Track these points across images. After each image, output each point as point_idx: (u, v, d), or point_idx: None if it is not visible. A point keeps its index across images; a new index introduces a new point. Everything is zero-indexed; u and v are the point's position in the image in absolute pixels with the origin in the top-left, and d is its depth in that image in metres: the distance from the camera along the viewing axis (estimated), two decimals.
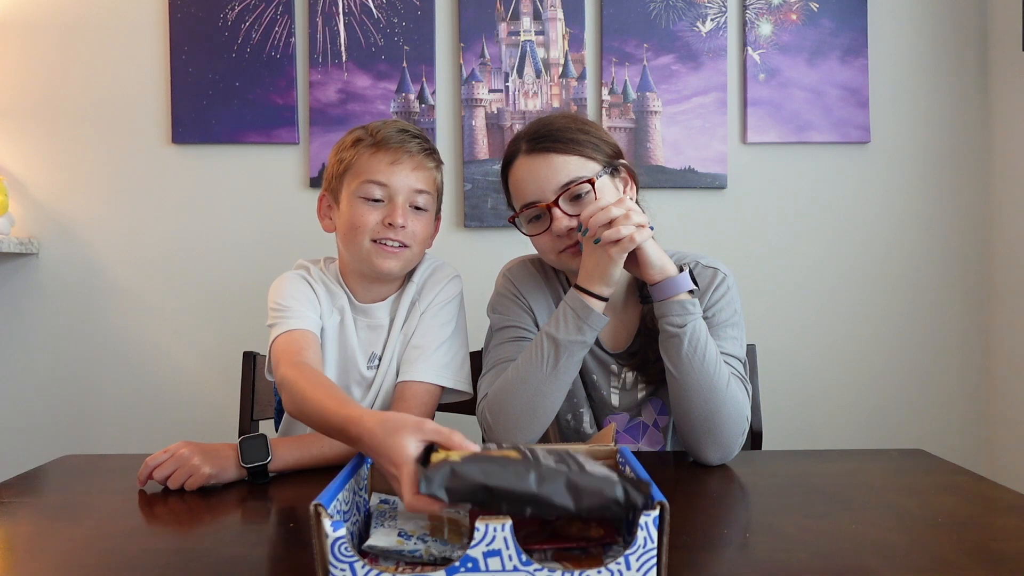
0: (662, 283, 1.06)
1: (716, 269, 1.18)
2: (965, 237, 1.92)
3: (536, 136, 1.14)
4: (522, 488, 0.61)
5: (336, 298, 1.24)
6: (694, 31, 1.89)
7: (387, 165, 1.16)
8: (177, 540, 0.83)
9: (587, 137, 1.13)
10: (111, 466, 1.16)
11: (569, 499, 0.61)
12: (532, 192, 1.13)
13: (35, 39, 1.88)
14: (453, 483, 0.61)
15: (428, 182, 1.20)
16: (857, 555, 0.72)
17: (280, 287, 1.21)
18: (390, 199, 1.17)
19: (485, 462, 0.62)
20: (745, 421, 1.08)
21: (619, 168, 1.17)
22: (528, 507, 0.61)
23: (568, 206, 1.11)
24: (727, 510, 0.93)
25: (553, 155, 1.11)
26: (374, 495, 0.79)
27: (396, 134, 1.18)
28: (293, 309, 1.17)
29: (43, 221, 1.89)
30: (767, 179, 1.91)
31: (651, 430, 1.21)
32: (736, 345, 1.13)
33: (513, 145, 1.18)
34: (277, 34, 1.87)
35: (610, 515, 0.63)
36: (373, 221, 1.16)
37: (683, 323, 1.05)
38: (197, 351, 1.90)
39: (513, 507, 0.61)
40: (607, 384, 1.21)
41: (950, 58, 1.91)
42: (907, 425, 1.92)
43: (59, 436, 1.88)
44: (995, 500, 0.93)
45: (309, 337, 1.14)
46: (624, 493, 0.62)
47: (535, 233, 1.14)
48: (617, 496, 0.61)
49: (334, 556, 0.59)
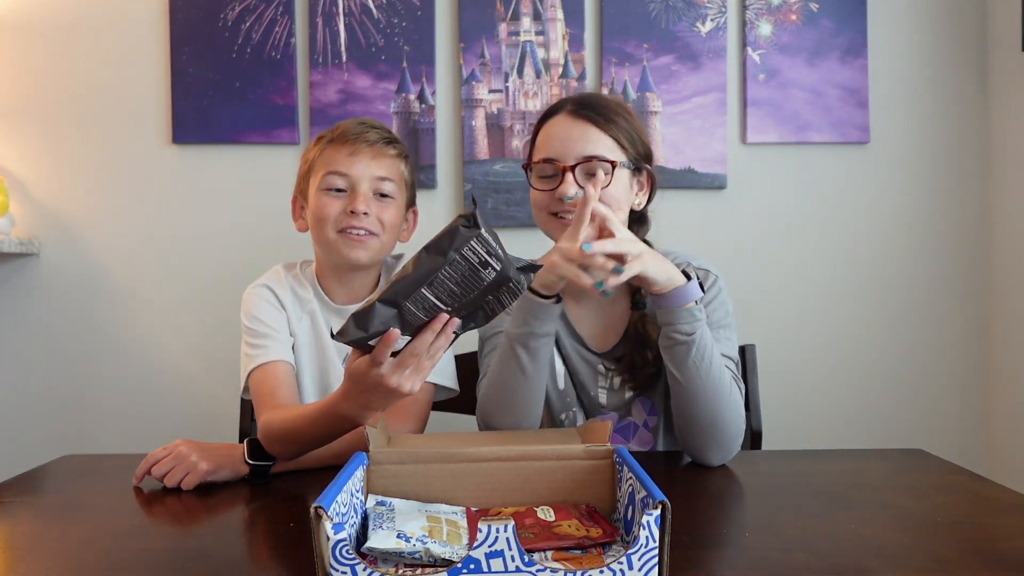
0: (670, 294, 1.04)
1: (707, 271, 1.18)
2: (965, 237, 1.92)
3: (583, 103, 1.16)
4: (397, 286, 0.77)
5: (305, 303, 1.26)
6: (694, 31, 1.89)
7: (346, 156, 1.20)
8: (177, 540, 0.83)
9: (627, 127, 1.15)
10: (111, 466, 1.16)
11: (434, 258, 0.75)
12: (556, 150, 1.14)
13: (35, 39, 1.88)
14: (357, 318, 0.77)
15: (390, 170, 1.23)
16: (857, 555, 0.72)
17: (248, 305, 1.25)
18: (352, 188, 1.20)
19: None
20: (743, 421, 1.08)
21: (642, 169, 1.18)
22: (415, 288, 0.76)
23: (581, 178, 1.12)
24: (727, 510, 0.93)
25: (590, 126, 1.13)
26: (370, 497, 0.79)
27: (354, 126, 1.22)
28: (262, 335, 1.21)
29: (43, 221, 1.89)
30: (767, 179, 1.91)
31: (641, 430, 1.21)
32: (729, 346, 1.14)
33: (558, 103, 1.19)
34: (277, 34, 1.87)
35: (452, 233, 0.75)
36: (336, 211, 1.20)
37: (692, 331, 1.04)
38: (197, 351, 1.90)
39: (403, 297, 0.77)
40: (594, 384, 1.21)
41: (950, 58, 1.91)
42: (907, 425, 1.92)
43: (59, 436, 1.88)
44: (995, 500, 0.93)
45: (280, 371, 1.19)
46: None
47: (540, 188, 1.15)
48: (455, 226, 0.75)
49: (335, 559, 0.59)
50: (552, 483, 0.81)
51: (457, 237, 0.74)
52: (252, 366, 1.19)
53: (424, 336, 0.81)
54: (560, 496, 0.81)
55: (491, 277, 0.77)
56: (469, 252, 0.75)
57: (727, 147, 1.89)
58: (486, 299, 0.80)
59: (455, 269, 0.76)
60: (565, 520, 0.74)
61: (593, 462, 0.81)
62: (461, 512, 0.78)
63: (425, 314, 0.79)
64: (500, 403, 1.11)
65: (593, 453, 0.81)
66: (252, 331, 1.22)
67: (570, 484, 0.81)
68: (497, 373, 1.11)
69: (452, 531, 0.71)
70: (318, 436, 1.01)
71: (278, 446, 1.04)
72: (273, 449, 1.04)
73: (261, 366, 1.18)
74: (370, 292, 1.29)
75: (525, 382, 1.09)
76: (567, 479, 0.81)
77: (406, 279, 0.77)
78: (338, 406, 0.93)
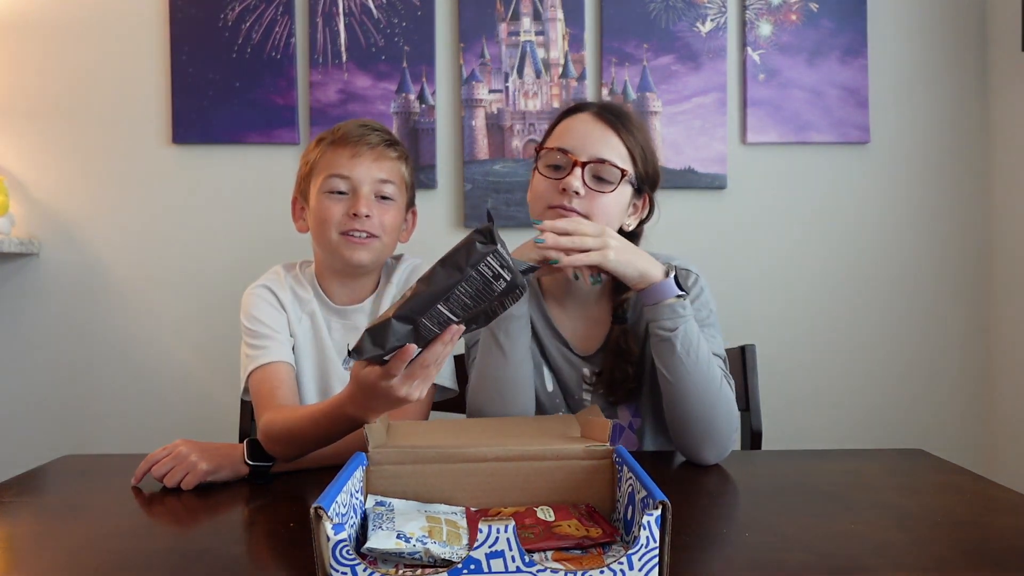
0: (647, 290, 1.07)
1: (688, 270, 1.19)
2: (965, 237, 1.92)
3: (609, 109, 1.17)
4: (413, 302, 0.77)
5: (304, 303, 1.26)
6: (694, 31, 1.89)
7: (348, 159, 1.20)
8: (177, 540, 0.83)
9: (643, 144, 1.17)
10: (111, 466, 1.16)
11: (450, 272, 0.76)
12: (572, 143, 1.14)
13: (35, 39, 1.88)
14: (373, 334, 0.78)
15: (391, 172, 1.23)
16: (857, 555, 0.72)
17: (247, 306, 1.24)
18: (354, 191, 1.20)
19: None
20: (737, 419, 1.09)
21: (643, 192, 1.18)
22: (431, 304, 0.77)
23: (588, 178, 1.12)
24: (727, 510, 0.93)
25: (611, 131, 1.14)
26: (370, 497, 0.79)
27: (356, 129, 1.22)
28: (263, 336, 1.21)
29: (43, 221, 1.89)
30: (767, 179, 1.91)
31: (627, 432, 1.22)
32: (716, 344, 1.14)
33: (585, 103, 1.20)
34: (277, 34, 1.87)
35: (468, 247, 0.76)
36: (339, 214, 1.20)
37: (674, 327, 1.05)
38: (197, 351, 1.90)
39: (419, 314, 0.77)
40: (579, 388, 1.22)
41: (950, 58, 1.91)
42: (907, 425, 1.92)
43: (59, 436, 1.88)
44: (995, 500, 0.93)
45: (281, 372, 1.18)
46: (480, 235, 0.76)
47: (546, 175, 1.15)
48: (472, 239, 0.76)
49: (335, 559, 0.59)
50: (552, 483, 0.81)
51: (474, 254, 0.75)
52: (252, 367, 1.19)
53: (435, 348, 0.82)
54: (560, 496, 0.81)
55: (502, 287, 0.78)
56: (484, 268, 0.76)
57: (727, 147, 1.89)
58: (492, 305, 0.81)
59: (471, 285, 0.77)
60: (565, 520, 0.74)
61: (593, 462, 0.81)
62: (461, 512, 0.78)
63: (438, 328, 0.80)
64: (488, 392, 1.12)
65: (593, 453, 0.81)
66: (252, 332, 1.22)
67: (570, 484, 0.81)
68: (483, 364, 1.13)
69: (452, 531, 0.71)
70: (320, 437, 1.01)
71: (279, 447, 1.04)
72: (273, 450, 1.04)
73: (261, 367, 1.18)
74: (370, 292, 1.29)
75: (507, 366, 1.11)
76: (567, 479, 0.81)
77: (422, 295, 0.77)
78: (343, 407, 0.93)
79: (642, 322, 1.19)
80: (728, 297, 1.86)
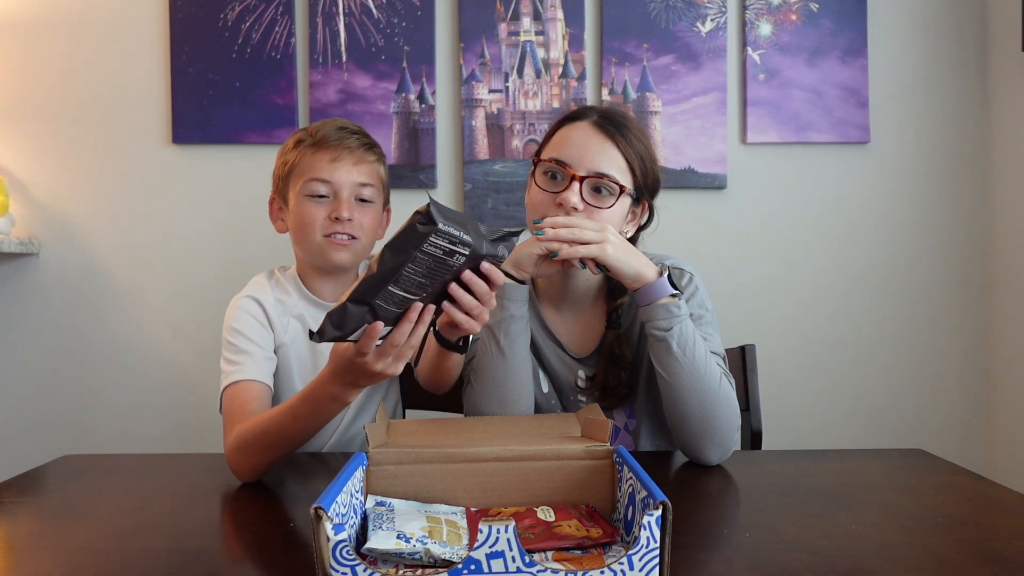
0: (641, 290, 1.07)
1: (682, 270, 1.19)
2: (965, 237, 1.92)
3: (609, 117, 1.15)
4: (364, 285, 0.78)
5: (290, 307, 1.26)
6: (694, 31, 1.89)
7: (328, 163, 1.20)
8: (177, 540, 0.83)
9: (643, 153, 1.15)
10: (111, 466, 1.16)
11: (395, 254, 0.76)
12: (571, 155, 1.13)
13: (35, 39, 1.88)
14: (332, 317, 0.79)
15: (371, 175, 1.24)
16: (857, 555, 0.72)
17: (230, 319, 1.23)
18: (335, 194, 1.21)
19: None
20: (738, 417, 1.08)
21: (641, 201, 1.18)
22: (381, 286, 0.78)
23: (586, 191, 1.12)
24: (727, 510, 0.93)
25: (610, 143, 1.13)
26: (370, 497, 0.79)
27: (335, 132, 1.22)
28: (242, 351, 1.18)
29: (43, 221, 1.89)
30: (767, 179, 1.91)
31: (622, 433, 1.22)
32: (714, 342, 1.14)
33: (584, 110, 1.18)
34: (277, 34, 1.87)
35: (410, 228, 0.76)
36: (321, 217, 1.21)
37: (669, 326, 1.06)
38: (197, 351, 1.90)
39: (371, 295, 0.79)
40: (573, 389, 1.22)
41: (950, 58, 1.91)
42: (907, 425, 1.92)
43: (59, 436, 1.88)
44: (995, 500, 0.93)
45: (253, 390, 1.15)
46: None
47: (542, 187, 1.15)
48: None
49: (335, 560, 0.59)
50: (552, 483, 0.81)
51: (415, 235, 0.76)
52: (226, 383, 1.16)
53: (402, 327, 0.84)
54: (560, 496, 0.81)
55: (460, 262, 0.80)
56: (430, 247, 0.77)
57: (727, 147, 1.89)
58: (464, 275, 0.84)
59: (419, 264, 0.78)
60: (565, 520, 0.74)
61: (593, 462, 0.81)
62: (461, 512, 0.78)
63: (397, 307, 0.82)
64: (487, 392, 1.12)
65: (593, 453, 0.81)
66: (232, 346, 1.20)
67: (570, 484, 0.81)
68: (481, 366, 1.13)
69: (452, 531, 0.71)
70: (299, 428, 0.99)
71: (247, 456, 1.00)
72: (245, 460, 1.01)
73: (235, 383, 1.15)
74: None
75: (505, 365, 1.11)
76: (567, 479, 0.81)
77: (372, 278, 0.79)
78: (324, 386, 0.94)
79: (636, 327, 1.19)
80: (728, 297, 1.87)
